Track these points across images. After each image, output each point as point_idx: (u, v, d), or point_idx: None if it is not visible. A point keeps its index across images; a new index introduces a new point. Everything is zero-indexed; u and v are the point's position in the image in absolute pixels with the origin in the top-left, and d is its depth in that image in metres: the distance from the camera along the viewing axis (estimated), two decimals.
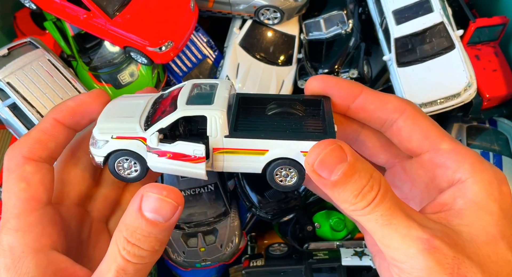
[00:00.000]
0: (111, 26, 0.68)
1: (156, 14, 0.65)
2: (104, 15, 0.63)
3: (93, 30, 0.83)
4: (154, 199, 0.42)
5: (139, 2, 0.65)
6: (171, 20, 0.62)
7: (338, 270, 1.15)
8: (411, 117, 0.48)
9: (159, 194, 0.42)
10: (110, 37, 0.74)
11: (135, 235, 0.42)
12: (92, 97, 0.50)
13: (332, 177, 0.41)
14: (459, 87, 1.11)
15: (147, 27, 0.66)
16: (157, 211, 0.42)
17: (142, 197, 0.43)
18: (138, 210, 0.42)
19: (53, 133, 0.48)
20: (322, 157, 0.41)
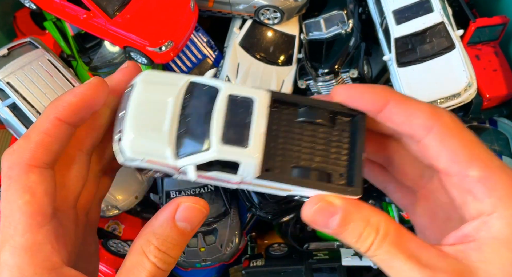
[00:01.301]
0: (111, 26, 0.68)
1: (156, 14, 0.64)
2: (104, 15, 0.62)
3: (93, 30, 0.83)
4: (189, 208, 0.45)
5: (139, 2, 0.64)
6: (171, 20, 0.60)
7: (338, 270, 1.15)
8: (439, 135, 0.45)
9: (196, 203, 0.45)
10: (110, 37, 0.74)
11: (166, 243, 0.43)
12: (92, 89, 0.46)
13: (329, 229, 0.44)
14: (459, 87, 1.11)
15: (147, 27, 0.65)
16: (189, 220, 0.44)
17: (178, 207, 0.44)
18: (171, 219, 0.44)
19: (56, 134, 0.44)
20: (312, 218, 0.45)
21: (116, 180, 1.17)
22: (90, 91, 0.46)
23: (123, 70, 0.53)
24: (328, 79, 1.28)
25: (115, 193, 1.17)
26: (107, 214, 1.17)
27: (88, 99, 0.46)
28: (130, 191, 1.19)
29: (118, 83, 0.51)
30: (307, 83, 1.33)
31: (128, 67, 0.52)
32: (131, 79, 0.51)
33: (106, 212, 1.17)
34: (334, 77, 1.27)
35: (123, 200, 1.18)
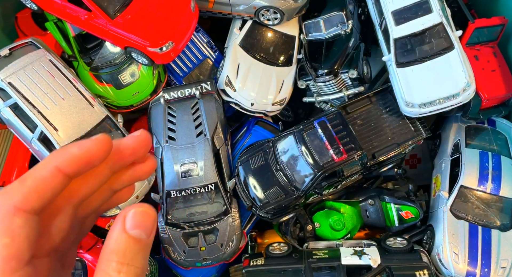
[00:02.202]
0: (112, 27, 0.68)
1: (157, 15, 0.65)
2: (105, 16, 0.63)
3: (94, 30, 0.83)
4: (137, 214, 0.43)
5: (140, 3, 0.65)
6: (171, 21, 0.61)
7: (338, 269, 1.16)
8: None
9: (141, 207, 0.43)
10: (111, 37, 0.74)
11: (127, 255, 0.42)
12: (98, 145, 0.46)
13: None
14: (458, 87, 1.12)
15: (147, 28, 0.66)
16: (141, 226, 0.43)
17: (125, 217, 0.43)
18: (123, 231, 0.42)
19: (52, 183, 0.44)
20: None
21: None
22: (96, 146, 0.46)
23: (134, 138, 0.51)
24: (328, 80, 1.28)
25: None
26: (108, 213, 1.18)
27: (91, 154, 0.46)
28: None
29: (126, 148, 0.51)
30: (307, 83, 1.34)
31: (140, 135, 0.51)
32: (140, 148, 0.51)
33: (107, 211, 1.17)
34: (333, 78, 1.28)
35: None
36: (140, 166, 0.56)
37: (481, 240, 1.13)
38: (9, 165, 1.22)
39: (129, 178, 0.56)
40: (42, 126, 1.08)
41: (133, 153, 0.51)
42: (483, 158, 1.21)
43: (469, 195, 1.18)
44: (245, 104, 1.30)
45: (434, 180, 1.32)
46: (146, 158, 0.55)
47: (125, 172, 0.56)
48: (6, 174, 1.20)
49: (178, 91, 1.27)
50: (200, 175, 1.23)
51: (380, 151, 1.23)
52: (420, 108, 1.16)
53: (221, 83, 1.31)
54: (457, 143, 1.28)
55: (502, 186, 1.17)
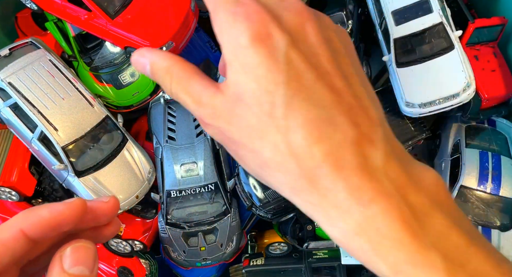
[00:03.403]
0: (112, 27, 0.68)
1: (157, 15, 0.64)
2: (105, 16, 0.63)
3: (94, 30, 0.83)
4: (74, 250, 0.40)
5: (140, 3, 0.64)
6: (171, 21, 0.60)
7: (338, 269, 1.16)
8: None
9: (78, 242, 0.40)
10: (111, 37, 0.74)
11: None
12: (70, 210, 0.42)
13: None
14: (458, 87, 1.12)
15: (147, 28, 0.65)
16: (81, 262, 0.40)
17: (62, 257, 0.39)
18: (61, 271, 0.39)
19: (13, 246, 0.41)
20: (134, 65, 0.47)
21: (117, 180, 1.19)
22: (69, 211, 0.42)
23: (104, 205, 0.46)
24: None
25: (116, 193, 1.18)
26: None
27: (62, 219, 0.42)
28: (131, 190, 1.20)
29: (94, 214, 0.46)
30: None
31: (109, 202, 0.47)
32: (107, 215, 0.46)
33: None
34: None
35: (124, 199, 1.18)
36: (100, 229, 0.50)
37: None
38: (9, 165, 1.22)
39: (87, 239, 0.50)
40: (42, 126, 1.08)
41: (97, 220, 0.46)
42: (483, 158, 1.21)
43: (469, 195, 1.18)
44: None
45: None
46: (109, 222, 0.49)
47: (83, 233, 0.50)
48: (6, 174, 1.20)
49: None
50: (200, 175, 1.23)
51: None
52: (420, 108, 1.16)
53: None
54: (457, 143, 1.28)
55: (502, 186, 1.17)
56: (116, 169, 1.19)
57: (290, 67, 0.38)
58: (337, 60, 0.41)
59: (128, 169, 1.20)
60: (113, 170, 1.18)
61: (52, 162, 1.13)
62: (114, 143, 1.20)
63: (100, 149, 1.18)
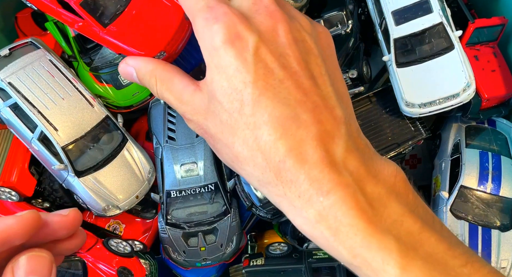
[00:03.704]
0: (105, 35, 0.68)
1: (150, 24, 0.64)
2: (97, 24, 0.63)
3: (90, 35, 0.82)
4: (27, 260, 0.38)
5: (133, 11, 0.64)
6: (164, 30, 0.60)
7: (338, 269, 1.16)
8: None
9: (30, 252, 0.38)
10: (105, 43, 0.73)
11: None
12: (19, 224, 0.40)
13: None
14: (458, 88, 1.12)
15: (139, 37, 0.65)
16: (34, 271, 0.37)
17: (13, 269, 0.37)
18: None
19: None
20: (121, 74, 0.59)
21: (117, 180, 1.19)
22: (17, 225, 0.40)
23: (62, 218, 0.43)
24: None
25: (116, 193, 1.17)
26: (108, 213, 1.18)
27: (9, 232, 0.40)
28: (131, 190, 1.19)
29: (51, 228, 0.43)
30: None
31: (68, 216, 0.43)
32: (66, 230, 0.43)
33: (107, 212, 1.17)
34: None
35: (124, 199, 1.18)
36: (61, 243, 0.46)
37: (481, 240, 1.13)
38: (8, 165, 1.21)
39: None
40: (42, 126, 1.08)
41: (55, 234, 0.43)
42: (483, 158, 1.21)
43: (469, 195, 1.18)
44: None
45: (434, 180, 1.32)
46: (72, 235, 0.46)
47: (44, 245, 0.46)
48: (6, 174, 1.20)
49: None
50: (200, 175, 1.23)
51: (380, 151, 1.23)
52: (420, 108, 1.16)
53: None
54: (457, 143, 1.28)
55: (502, 186, 1.17)
56: (116, 169, 1.19)
57: (258, 66, 0.40)
58: (306, 60, 0.42)
59: (128, 169, 1.20)
60: (113, 170, 1.18)
61: (52, 162, 1.13)
62: (114, 143, 1.20)
63: (100, 149, 1.18)
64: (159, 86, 0.50)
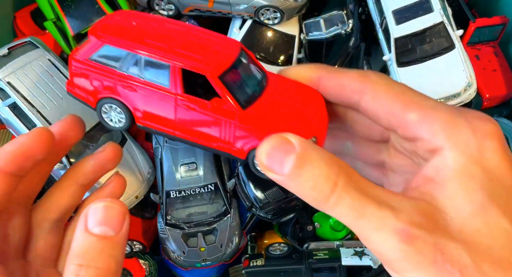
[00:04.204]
0: (240, 122, 0.49)
1: (293, 107, 0.47)
2: (236, 105, 0.46)
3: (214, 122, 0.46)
4: (99, 209, 0.39)
5: (271, 93, 0.50)
6: (310, 112, 0.47)
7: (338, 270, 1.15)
8: (371, 94, 0.45)
9: (104, 202, 0.40)
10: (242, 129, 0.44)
11: (88, 255, 0.38)
12: (31, 138, 0.45)
13: (285, 170, 0.38)
14: (459, 87, 1.11)
15: (285, 122, 0.45)
16: (105, 222, 0.39)
17: (87, 215, 0.39)
18: (84, 230, 0.39)
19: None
20: (268, 151, 0.39)
21: None
22: (29, 140, 0.45)
23: (59, 122, 0.51)
24: None
25: None
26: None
27: (26, 148, 0.44)
28: (130, 190, 1.19)
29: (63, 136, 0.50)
30: None
31: (66, 118, 0.51)
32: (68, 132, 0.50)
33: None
34: None
35: (123, 199, 1.18)
36: (101, 154, 0.55)
37: None
38: None
39: (92, 169, 0.55)
40: (41, 126, 1.08)
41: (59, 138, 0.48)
42: None
43: None
44: None
45: None
46: (105, 146, 0.55)
47: (87, 161, 0.55)
48: None
49: None
50: (199, 175, 1.23)
51: None
52: None
53: None
54: None
55: None
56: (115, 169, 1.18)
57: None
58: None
59: (128, 169, 1.20)
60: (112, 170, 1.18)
61: None
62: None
63: None
64: (354, 194, 0.37)
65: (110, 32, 0.45)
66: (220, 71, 0.44)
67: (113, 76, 0.46)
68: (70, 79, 0.46)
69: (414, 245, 0.35)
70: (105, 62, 0.45)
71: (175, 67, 0.44)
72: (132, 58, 0.45)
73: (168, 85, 0.46)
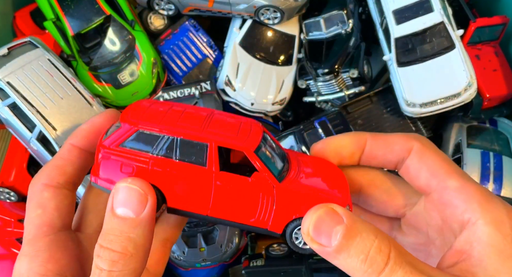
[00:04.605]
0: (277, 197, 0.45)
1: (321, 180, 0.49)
2: (272, 179, 0.47)
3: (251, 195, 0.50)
4: (121, 189, 0.41)
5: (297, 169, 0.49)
6: (338, 184, 0.48)
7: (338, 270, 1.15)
8: (418, 154, 0.47)
9: (125, 182, 0.41)
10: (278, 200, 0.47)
11: (107, 237, 0.40)
12: (103, 117, 0.50)
13: (332, 242, 0.38)
14: (460, 87, 1.11)
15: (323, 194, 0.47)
16: (125, 203, 0.40)
17: (113, 195, 0.41)
18: (110, 210, 0.41)
19: (69, 157, 0.48)
20: (315, 222, 0.39)
21: None
22: (100, 119, 0.49)
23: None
24: (328, 79, 1.28)
25: None
26: None
27: (97, 126, 0.49)
28: None
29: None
30: (307, 83, 1.33)
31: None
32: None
33: None
34: (334, 77, 1.27)
35: None
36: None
37: None
38: (7, 165, 1.21)
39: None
40: (40, 126, 1.07)
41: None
42: (484, 158, 1.20)
43: None
44: (245, 104, 1.30)
45: None
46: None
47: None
48: (4, 174, 1.19)
49: (177, 91, 1.27)
50: None
51: None
52: (421, 108, 1.15)
53: (220, 83, 1.30)
54: (458, 143, 1.27)
55: (504, 186, 1.16)
56: None
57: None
58: None
59: None
60: None
61: None
62: None
63: None
64: (406, 268, 0.37)
65: (143, 118, 0.45)
66: (255, 146, 0.45)
67: (146, 161, 0.45)
68: (95, 168, 0.46)
69: None
70: (138, 148, 0.45)
71: (212, 145, 0.45)
72: (167, 141, 0.45)
73: (206, 164, 0.45)
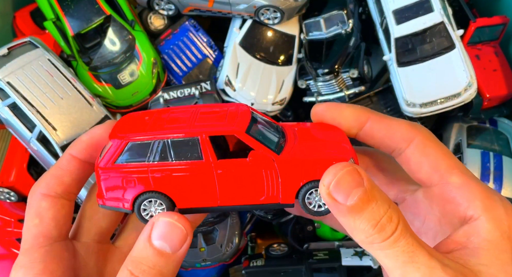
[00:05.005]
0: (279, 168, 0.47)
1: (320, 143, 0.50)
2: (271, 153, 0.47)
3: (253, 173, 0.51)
4: (164, 223, 0.41)
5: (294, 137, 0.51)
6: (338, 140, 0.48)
7: (338, 270, 1.15)
8: (420, 147, 0.47)
9: (170, 218, 0.42)
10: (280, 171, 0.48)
11: (140, 266, 0.40)
12: (102, 129, 0.49)
13: (348, 201, 0.38)
14: (460, 87, 1.11)
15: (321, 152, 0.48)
16: (166, 238, 0.41)
17: (153, 224, 0.41)
18: (147, 239, 0.41)
19: (68, 168, 0.49)
20: (338, 179, 0.39)
21: None
22: (101, 130, 0.49)
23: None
24: (328, 79, 1.28)
25: None
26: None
27: (97, 138, 0.49)
28: None
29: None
30: (307, 83, 1.33)
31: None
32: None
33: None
34: (334, 77, 1.27)
35: None
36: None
37: None
38: (7, 165, 1.21)
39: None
40: (40, 126, 1.07)
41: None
42: (484, 158, 1.20)
43: None
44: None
45: None
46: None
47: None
48: (4, 175, 1.19)
49: (177, 91, 1.27)
50: None
51: None
52: (421, 108, 1.15)
53: (220, 83, 1.30)
54: (458, 143, 1.27)
55: (504, 186, 1.16)
56: None
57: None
58: None
59: None
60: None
61: (51, 162, 1.12)
62: None
63: None
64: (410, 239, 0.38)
65: (130, 130, 0.46)
66: (244, 127, 0.46)
67: (145, 169, 0.46)
68: (99, 192, 0.47)
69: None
70: (133, 159, 0.46)
71: (203, 137, 0.46)
72: (159, 145, 0.46)
73: (202, 157, 0.46)
